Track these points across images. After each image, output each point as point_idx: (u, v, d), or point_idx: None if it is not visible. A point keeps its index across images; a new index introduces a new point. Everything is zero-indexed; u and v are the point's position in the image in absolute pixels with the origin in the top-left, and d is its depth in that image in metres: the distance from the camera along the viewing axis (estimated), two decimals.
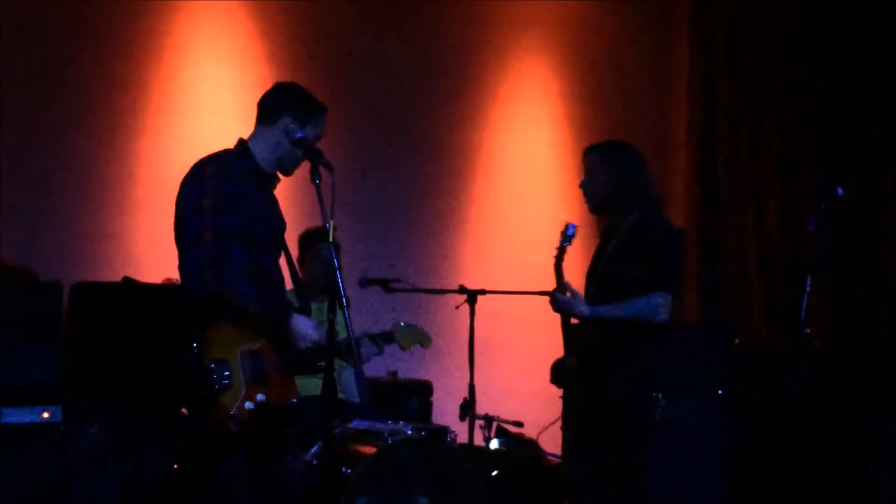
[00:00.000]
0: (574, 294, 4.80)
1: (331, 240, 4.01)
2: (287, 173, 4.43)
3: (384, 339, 5.36)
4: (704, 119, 8.11)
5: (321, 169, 4.14)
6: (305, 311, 4.43)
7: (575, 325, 4.99)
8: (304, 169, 4.23)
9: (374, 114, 7.66)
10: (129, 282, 6.03)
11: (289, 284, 4.49)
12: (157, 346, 4.39)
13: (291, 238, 6.29)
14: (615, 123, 8.24)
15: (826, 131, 7.58)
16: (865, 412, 6.58)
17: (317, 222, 6.08)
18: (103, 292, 6.03)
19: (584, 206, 7.89)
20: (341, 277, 4.01)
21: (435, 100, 7.87)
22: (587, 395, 4.84)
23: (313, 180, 4.12)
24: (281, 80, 7.23)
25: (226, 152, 4.34)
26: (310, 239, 6.00)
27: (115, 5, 7.06)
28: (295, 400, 4.30)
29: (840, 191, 5.57)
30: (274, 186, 4.44)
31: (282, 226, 4.48)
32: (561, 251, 4.96)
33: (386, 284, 5.99)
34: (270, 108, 4.39)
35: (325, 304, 4.13)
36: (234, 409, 4.07)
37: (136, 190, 7.00)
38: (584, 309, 4.79)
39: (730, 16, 8.02)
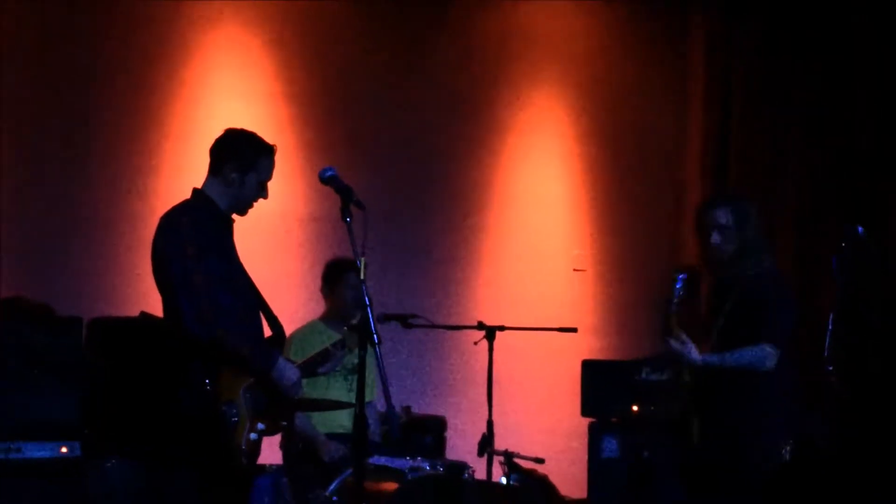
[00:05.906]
0: (685, 342, 4.89)
1: (362, 277, 4.03)
2: (242, 214, 4.52)
3: (339, 346, 5.14)
4: (718, 162, 8.11)
5: (352, 207, 4.16)
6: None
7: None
8: (335, 205, 4.23)
9: (390, 149, 7.69)
10: (145, 317, 6.02)
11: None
12: (165, 385, 4.44)
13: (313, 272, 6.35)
14: (628, 159, 8.27)
15: (844, 178, 7.58)
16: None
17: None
18: (120, 327, 6.05)
19: (595, 243, 8.05)
20: (372, 315, 4.02)
21: (450, 134, 7.88)
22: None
23: (344, 218, 4.14)
24: (297, 116, 7.46)
25: (188, 202, 4.45)
26: (339, 268, 5.98)
27: (133, 39, 7.09)
28: (285, 423, 4.55)
29: (860, 230, 5.60)
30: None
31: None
32: (671, 301, 4.95)
33: (404, 320, 5.99)
34: (215, 158, 4.49)
35: (348, 332, 4.47)
36: (244, 443, 4.25)
37: (154, 226, 6.98)
38: (696, 357, 4.90)
39: (747, 59, 8.01)
